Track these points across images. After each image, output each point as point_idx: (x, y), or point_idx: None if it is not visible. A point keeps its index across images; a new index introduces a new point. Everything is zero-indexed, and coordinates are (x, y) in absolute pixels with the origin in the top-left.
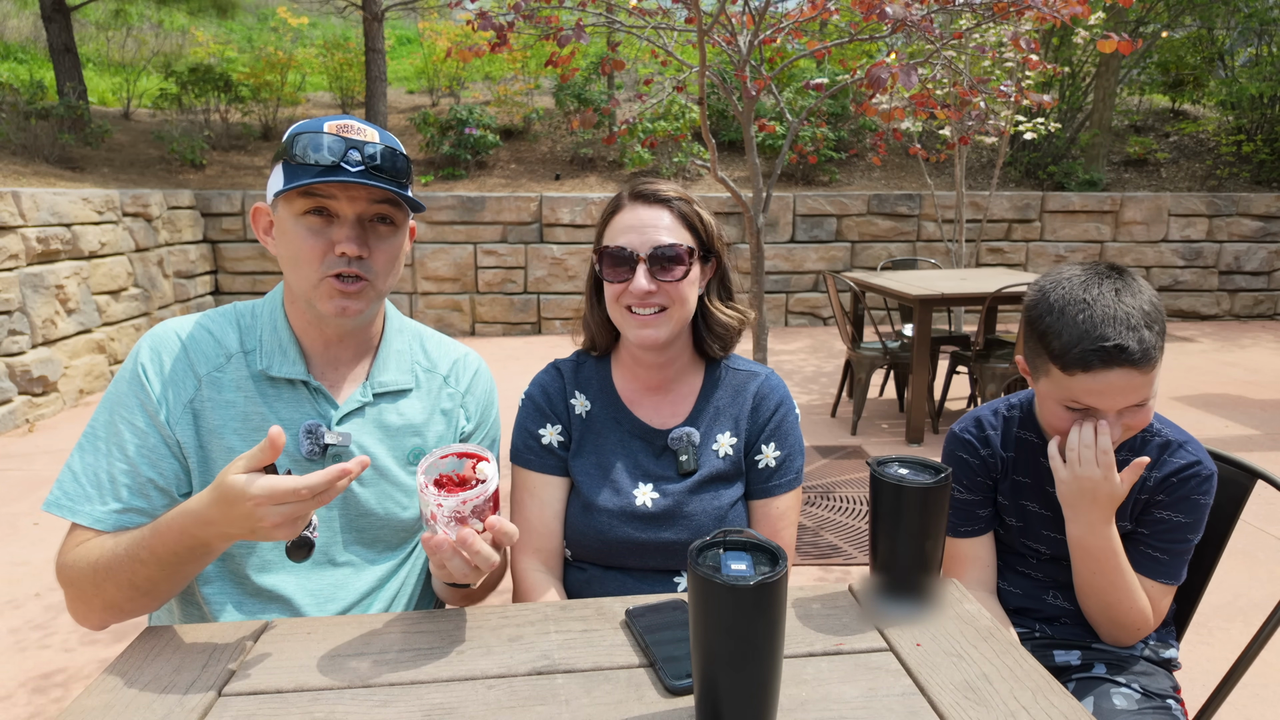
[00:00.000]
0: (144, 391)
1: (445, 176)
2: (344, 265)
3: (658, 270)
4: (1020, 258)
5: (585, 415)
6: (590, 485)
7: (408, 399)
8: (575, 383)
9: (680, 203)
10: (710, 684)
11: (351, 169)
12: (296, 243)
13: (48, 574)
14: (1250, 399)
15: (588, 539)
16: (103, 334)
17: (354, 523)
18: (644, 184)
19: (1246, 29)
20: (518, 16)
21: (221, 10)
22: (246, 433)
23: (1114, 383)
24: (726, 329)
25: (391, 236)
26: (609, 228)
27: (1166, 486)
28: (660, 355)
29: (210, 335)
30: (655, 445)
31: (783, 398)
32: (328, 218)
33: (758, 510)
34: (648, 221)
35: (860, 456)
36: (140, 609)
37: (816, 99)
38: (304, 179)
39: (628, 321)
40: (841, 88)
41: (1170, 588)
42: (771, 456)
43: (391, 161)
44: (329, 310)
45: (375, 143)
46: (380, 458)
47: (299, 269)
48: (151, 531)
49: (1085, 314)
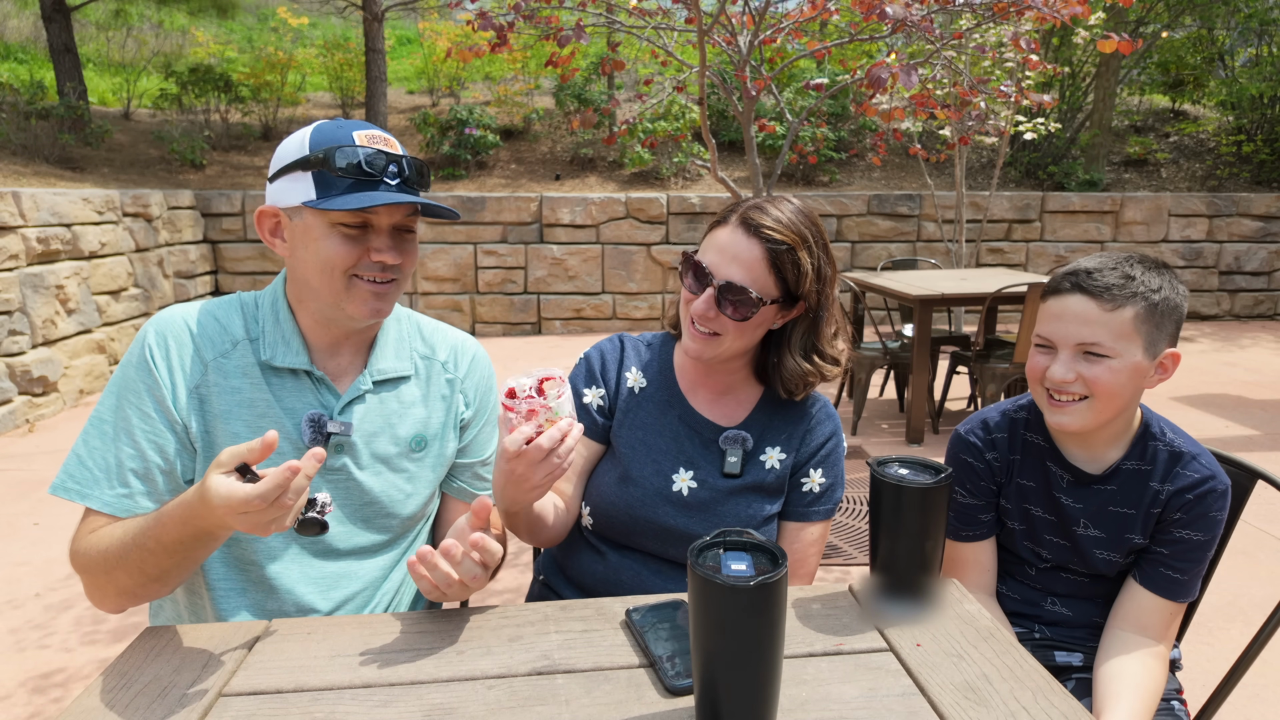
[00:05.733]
0: (151, 376)
1: (445, 177)
2: (378, 271)
3: (722, 303)
4: (1020, 258)
5: (638, 391)
6: (632, 457)
7: (408, 385)
8: (635, 359)
9: (777, 245)
10: (710, 684)
11: (391, 182)
12: (330, 250)
13: (48, 574)
14: (1250, 399)
15: (616, 510)
16: (103, 334)
17: (358, 511)
18: (755, 208)
19: (1246, 29)
20: (518, 17)
21: (221, 10)
22: (252, 419)
23: (1071, 307)
24: (795, 380)
25: (414, 241)
26: (710, 236)
27: (1183, 504)
28: (707, 365)
29: (216, 321)
30: (704, 437)
31: (836, 428)
32: (365, 229)
33: (791, 532)
34: (734, 252)
35: (860, 457)
36: (154, 593)
37: (816, 99)
38: (344, 189)
39: (687, 329)
40: (841, 88)
41: (1183, 605)
42: (817, 482)
43: (419, 172)
44: (362, 313)
45: (403, 154)
46: (382, 445)
47: (330, 275)
48: (155, 520)
49: (1088, 258)
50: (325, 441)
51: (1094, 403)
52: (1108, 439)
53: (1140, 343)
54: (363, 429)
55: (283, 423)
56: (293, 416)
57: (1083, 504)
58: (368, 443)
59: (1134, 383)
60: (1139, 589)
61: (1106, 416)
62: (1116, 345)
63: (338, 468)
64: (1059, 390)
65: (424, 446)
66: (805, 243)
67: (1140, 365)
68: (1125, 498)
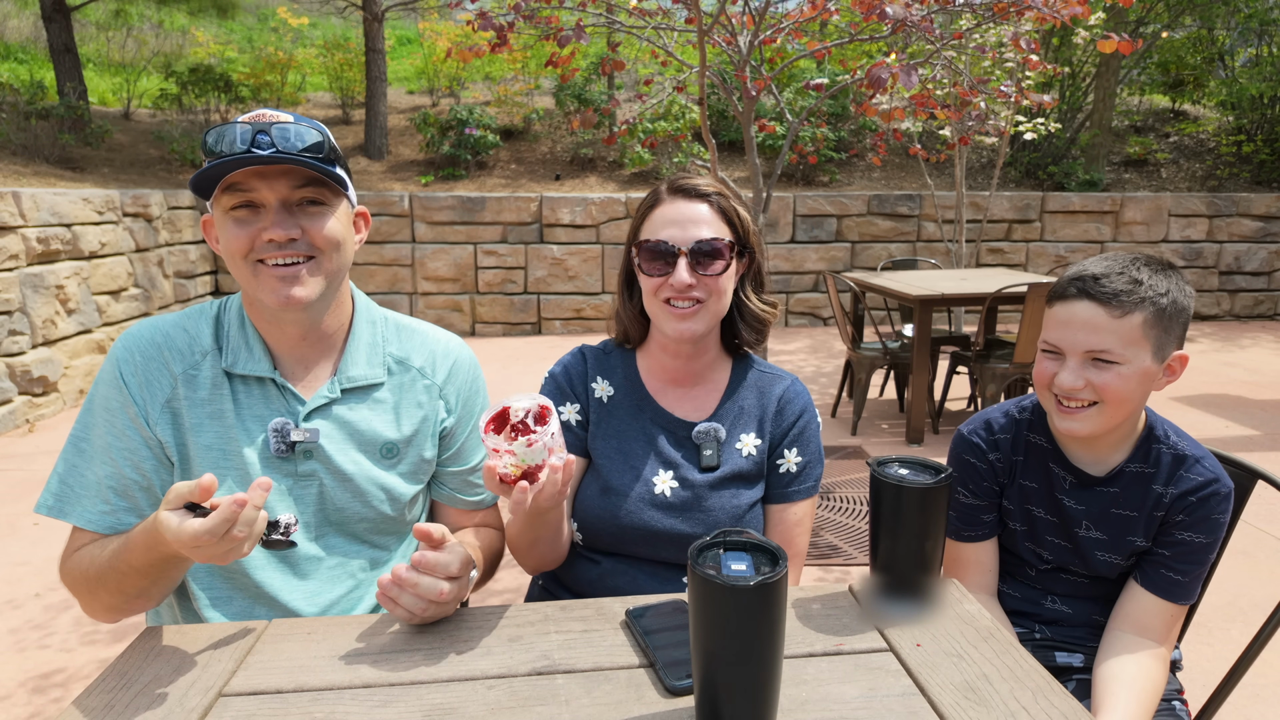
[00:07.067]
0: (122, 394)
1: (445, 177)
2: (275, 250)
3: (698, 264)
4: (1020, 258)
5: (607, 400)
6: (610, 467)
7: (380, 392)
8: (599, 368)
9: (719, 198)
10: (710, 684)
11: (262, 151)
12: (227, 238)
13: (48, 574)
14: (1250, 399)
15: (603, 522)
16: (103, 334)
17: (330, 517)
18: (683, 179)
19: (1246, 29)
20: (518, 17)
21: (221, 10)
22: (221, 430)
23: (1079, 314)
24: (761, 320)
25: (323, 215)
26: (648, 221)
27: (1186, 506)
28: (692, 347)
29: (185, 333)
30: (678, 435)
31: (806, 404)
32: (254, 209)
33: (775, 514)
34: (688, 216)
35: (860, 456)
36: (141, 607)
37: (816, 99)
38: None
39: (665, 315)
40: (841, 88)
41: (1185, 607)
42: (793, 462)
43: (303, 140)
44: (273, 302)
45: (288, 123)
46: (350, 453)
47: (235, 264)
48: (124, 544)
49: (1093, 260)
50: (291, 449)
51: (1104, 408)
52: (1112, 442)
53: (1149, 348)
54: (331, 436)
55: (251, 432)
56: (260, 424)
57: (1085, 506)
58: (336, 450)
59: (1143, 387)
60: (1140, 590)
61: (1116, 421)
62: (1126, 352)
63: (307, 474)
64: (1068, 397)
65: (395, 454)
66: (731, 196)
67: (1149, 370)
68: (1128, 500)
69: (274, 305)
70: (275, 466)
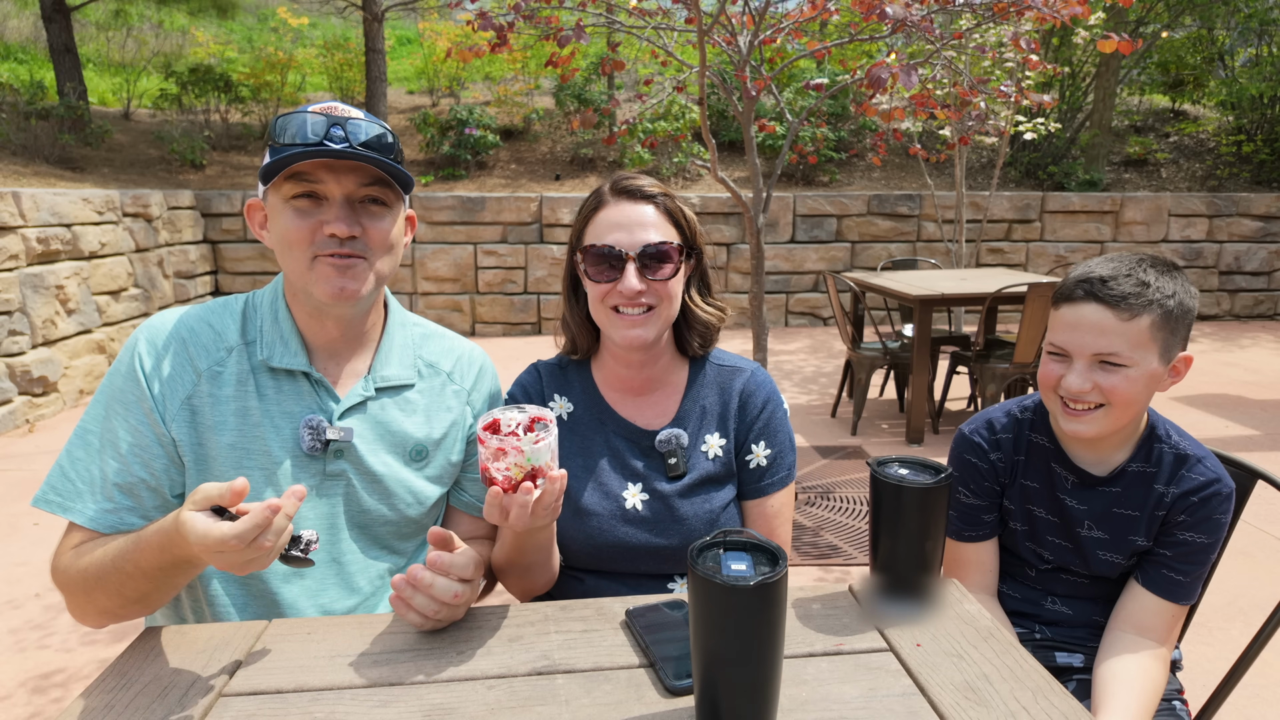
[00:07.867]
0: (139, 388)
1: (445, 177)
2: (335, 246)
3: (646, 269)
4: (1020, 258)
5: (567, 418)
6: (579, 487)
7: (410, 393)
8: (556, 384)
9: (664, 199)
10: (710, 684)
11: (335, 145)
12: (285, 227)
13: (47, 574)
14: (1250, 399)
15: (579, 543)
16: (103, 334)
17: (356, 519)
18: (626, 179)
19: (1246, 29)
20: (518, 17)
21: (221, 10)
22: (245, 429)
23: (1086, 317)
24: (707, 325)
25: (384, 216)
26: (591, 225)
27: (1187, 506)
28: (644, 354)
29: (210, 328)
30: (641, 446)
31: (770, 393)
32: (316, 200)
33: (752, 510)
34: (634, 219)
35: (860, 457)
36: (135, 614)
37: (816, 99)
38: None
39: (614, 322)
40: (841, 88)
41: (1185, 607)
42: (762, 455)
43: (378, 139)
44: (325, 294)
45: (359, 120)
46: (381, 454)
47: (290, 254)
48: (134, 544)
49: (1098, 262)
50: (325, 448)
51: (1110, 410)
52: (1114, 441)
53: (1156, 350)
54: (363, 436)
55: (279, 428)
56: (291, 420)
57: (1087, 505)
58: (367, 450)
59: (1149, 389)
60: (1141, 590)
61: (1122, 423)
62: (1134, 354)
63: (337, 474)
64: (1075, 399)
65: (424, 456)
66: (676, 197)
67: (1156, 371)
68: (1130, 500)
69: (325, 298)
70: (303, 465)
